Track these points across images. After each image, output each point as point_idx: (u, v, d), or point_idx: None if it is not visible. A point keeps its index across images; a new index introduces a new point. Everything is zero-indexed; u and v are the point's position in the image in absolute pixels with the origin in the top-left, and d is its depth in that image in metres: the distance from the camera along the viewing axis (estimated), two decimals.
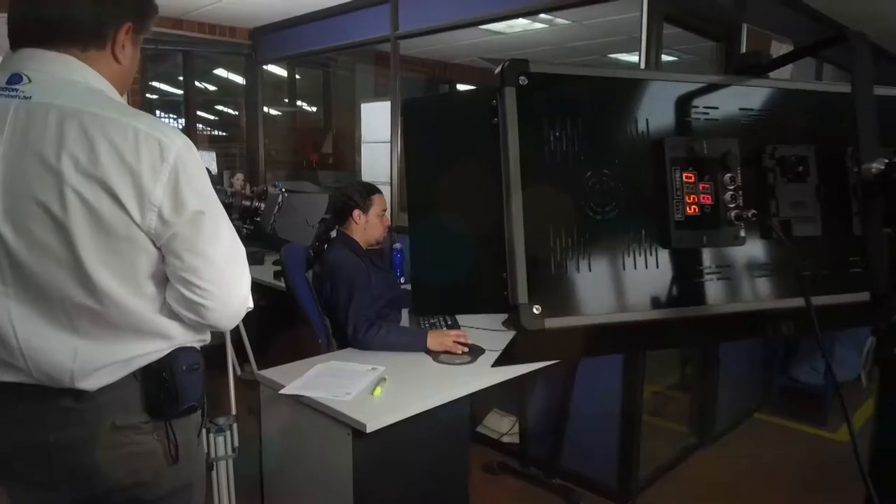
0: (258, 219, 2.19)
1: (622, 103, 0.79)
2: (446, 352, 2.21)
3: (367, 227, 2.51)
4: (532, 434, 2.91)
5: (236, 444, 2.07)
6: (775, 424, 3.60)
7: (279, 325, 3.52)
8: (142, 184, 1.02)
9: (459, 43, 5.10)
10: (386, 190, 3.25)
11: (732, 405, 3.44)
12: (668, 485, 2.90)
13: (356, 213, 2.49)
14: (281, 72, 5.58)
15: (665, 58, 5.49)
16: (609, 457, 2.71)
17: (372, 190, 2.54)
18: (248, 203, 2.20)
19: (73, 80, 1.07)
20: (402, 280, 3.30)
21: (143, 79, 4.30)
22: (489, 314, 0.97)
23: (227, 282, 1.15)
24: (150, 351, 1.15)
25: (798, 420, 3.60)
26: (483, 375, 2.06)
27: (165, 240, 1.06)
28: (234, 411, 2.10)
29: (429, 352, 2.23)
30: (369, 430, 1.68)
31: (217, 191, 2.17)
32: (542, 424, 2.85)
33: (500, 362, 0.84)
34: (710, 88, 0.84)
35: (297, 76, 5.74)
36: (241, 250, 1.19)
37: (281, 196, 2.16)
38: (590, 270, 0.74)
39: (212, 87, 5.49)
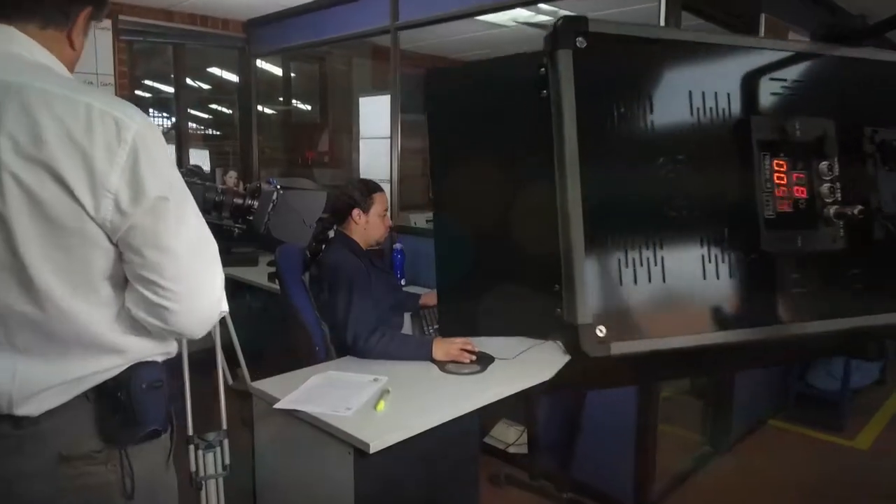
0: (251, 217, 2.03)
1: (700, 73, 0.64)
2: (453, 361, 2.06)
3: (368, 227, 2.36)
4: (541, 444, 2.77)
5: (227, 461, 1.92)
6: (791, 432, 3.47)
7: (273, 330, 3.37)
8: (94, 167, 0.87)
9: (459, 37, 4.95)
10: (386, 188, 3.10)
11: (747, 411, 3.31)
12: (684, 497, 2.76)
13: (356, 212, 2.33)
14: (275, 69, 5.41)
15: None
16: (623, 469, 2.56)
17: (373, 188, 2.39)
18: (240, 201, 2.05)
19: (15, 53, 0.93)
20: (403, 282, 3.16)
21: (131, 74, 4.12)
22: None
23: (195, 280, 1.00)
24: (105, 368, 0.99)
25: (814, 427, 3.46)
26: (493, 386, 1.91)
27: (123, 233, 0.92)
28: (224, 426, 1.95)
29: (434, 361, 2.08)
30: (373, 449, 1.53)
31: (207, 188, 2.02)
32: (553, 434, 2.71)
33: (548, 389, 0.69)
34: (800, 58, 0.69)
35: (293, 74, 5.57)
36: (210, 244, 1.04)
37: (275, 193, 2.01)
38: (664, 281, 0.59)
39: (205, 86, 5.32)
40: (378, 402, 1.72)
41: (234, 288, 3.50)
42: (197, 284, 1.00)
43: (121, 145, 0.89)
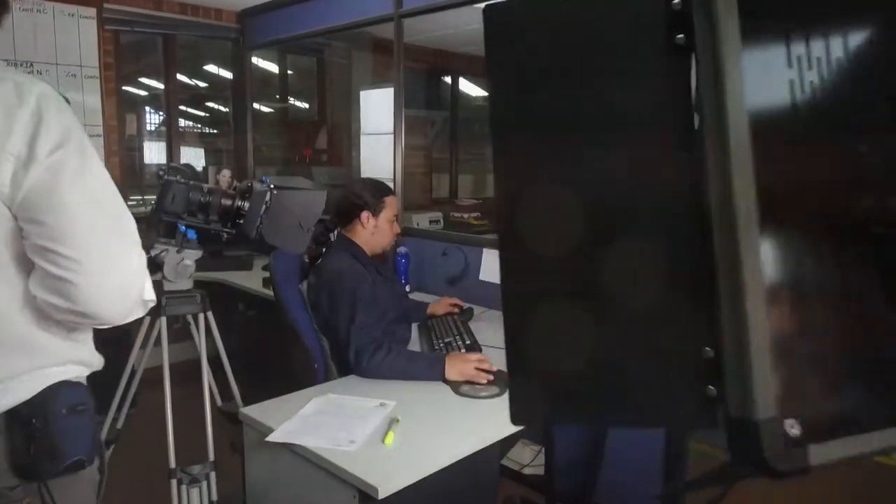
0: (241, 221, 1.81)
1: None
2: (468, 382, 1.84)
3: (376, 232, 2.14)
4: (560, 466, 2.54)
5: (214, 497, 1.71)
6: None
7: (268, 343, 3.15)
8: None
9: (466, 28, 4.72)
10: None
11: None
12: None
13: (365, 215, 2.11)
14: (271, 66, 5.18)
15: None
16: (650, 494, 2.34)
17: (385, 190, 2.17)
18: (228, 202, 1.82)
19: None
20: (408, 288, 2.94)
21: (118, 67, 3.89)
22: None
23: (101, 246, 0.88)
24: (11, 374, 0.86)
25: None
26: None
27: (21, 199, 0.84)
28: (211, 457, 1.73)
29: (446, 381, 1.85)
30: (382, 494, 1.31)
31: (192, 188, 1.78)
32: (573, 455, 2.49)
33: None
34: None
35: (289, 71, 5.33)
36: (123, 215, 0.94)
37: (268, 193, 1.78)
38: None
39: (200, 83, 5.07)
40: (386, 433, 1.50)
41: (226, 295, 3.27)
42: (103, 251, 0.88)
43: (22, 106, 0.84)
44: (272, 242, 1.80)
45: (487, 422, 1.63)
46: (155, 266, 1.80)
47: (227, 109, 4.98)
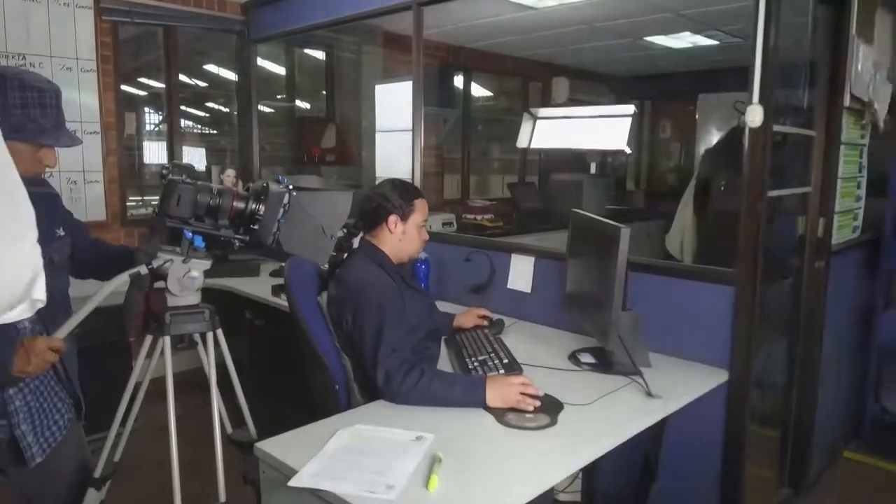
0: (256, 227, 1.60)
1: None
2: (512, 409, 1.62)
3: (404, 238, 1.92)
4: (601, 493, 2.32)
5: None
6: (869, 466, 3.03)
7: (278, 357, 2.93)
8: None
9: (480, 21, 4.50)
10: None
11: (824, 442, 2.87)
12: None
13: (393, 219, 1.90)
14: (277, 69, 4.96)
15: (703, 41, 4.93)
16: None
17: (415, 193, 1.96)
18: (241, 205, 1.60)
19: None
20: None
21: (118, 63, 3.66)
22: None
23: None
24: None
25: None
26: (572, 445, 1.47)
27: None
28: (222, 497, 1.52)
29: (487, 407, 1.63)
30: None
31: (200, 189, 1.56)
32: (618, 481, 2.26)
33: None
34: None
35: (296, 70, 5.10)
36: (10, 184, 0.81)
37: (287, 195, 1.56)
38: None
39: (201, 83, 4.85)
40: (429, 476, 1.28)
41: (231, 303, 3.05)
42: None
43: None
44: (291, 251, 1.58)
45: (542, 459, 1.41)
46: (158, 278, 1.59)
47: (228, 110, 4.77)
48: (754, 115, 1.84)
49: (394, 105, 3.21)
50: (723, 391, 2.02)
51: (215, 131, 4.91)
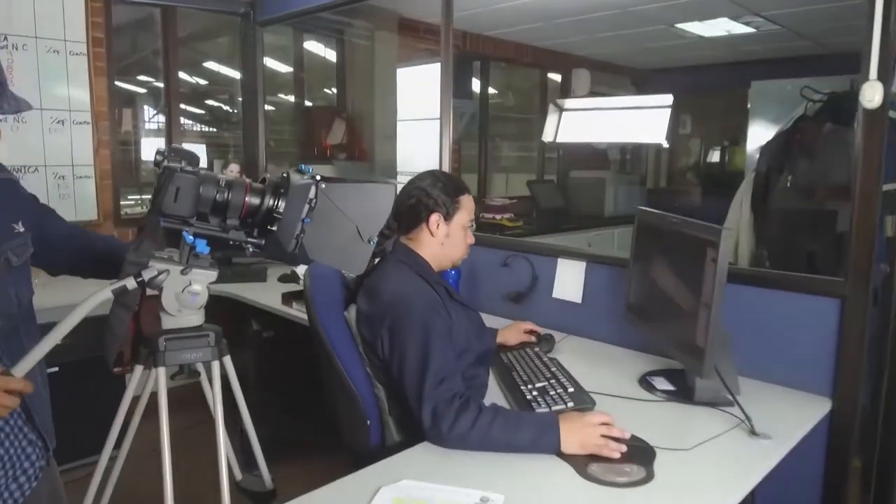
0: (274, 227, 1.27)
1: None
2: (593, 456, 1.29)
3: (447, 242, 1.60)
4: None
5: None
6: None
7: (293, 376, 2.60)
8: None
9: (499, 6, 4.18)
10: None
11: None
12: None
13: (435, 218, 1.58)
14: (283, 68, 4.64)
15: (739, 28, 4.61)
16: None
17: (460, 188, 1.64)
18: (255, 200, 1.27)
19: None
20: None
21: (110, 46, 3.32)
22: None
23: None
24: None
25: None
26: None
27: None
28: None
29: (560, 453, 1.31)
30: None
31: (204, 179, 1.20)
32: None
33: None
34: None
35: (304, 64, 4.77)
36: None
37: (313, 188, 1.23)
38: None
39: (202, 81, 4.52)
40: None
41: (235, 312, 2.73)
42: None
43: None
44: (319, 258, 1.25)
45: None
46: (149, 292, 1.26)
47: (230, 108, 4.45)
48: (874, 94, 1.52)
49: (416, 93, 2.88)
50: (824, 421, 1.70)
51: (215, 129, 4.58)
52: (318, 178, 1.24)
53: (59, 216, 1.45)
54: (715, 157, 6.65)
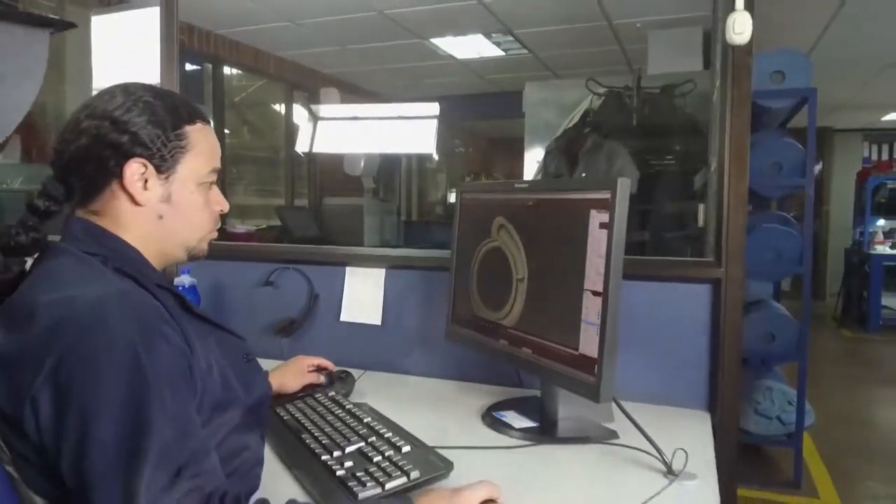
0: None
1: None
2: None
3: (170, 212, 0.87)
4: None
5: None
6: (742, 498, 2.68)
7: None
8: None
9: None
10: None
11: None
12: None
13: (136, 169, 0.83)
14: None
15: (492, 50, 4.55)
16: None
17: (185, 111, 0.89)
18: None
19: None
20: None
21: None
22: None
23: None
24: None
25: (767, 487, 2.73)
26: None
27: None
28: None
29: None
30: None
31: None
32: None
33: None
34: None
35: None
36: None
37: None
38: None
39: None
40: None
41: None
42: None
43: None
44: None
45: None
46: None
47: None
48: (743, 26, 1.24)
49: (123, 54, 2.06)
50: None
51: None
52: None
53: None
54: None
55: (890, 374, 4.96)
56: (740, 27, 1.25)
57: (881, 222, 6.77)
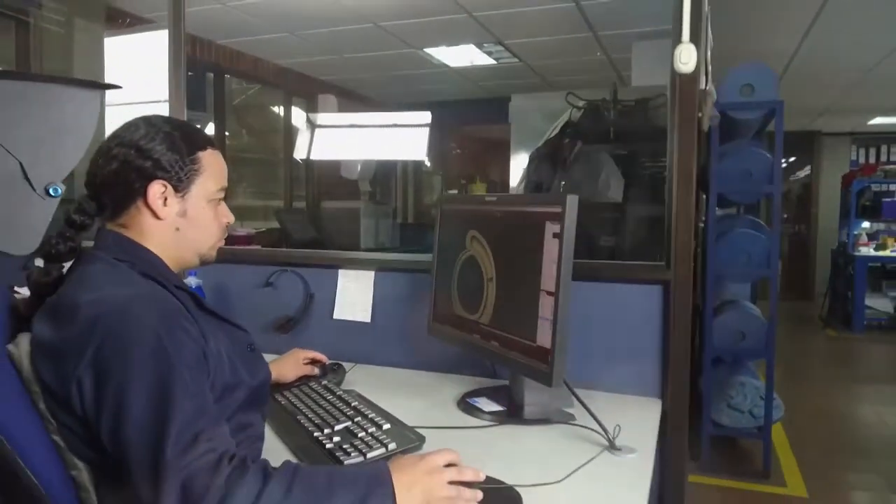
0: None
1: None
2: None
3: (185, 225, 1.04)
4: None
5: None
6: (714, 487, 2.84)
7: None
8: None
9: (232, 3, 3.66)
10: None
11: None
12: None
13: (157, 189, 1.00)
14: None
15: (483, 58, 4.73)
16: None
17: (198, 140, 1.05)
18: None
19: None
20: None
21: None
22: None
23: None
24: None
25: (738, 477, 2.89)
26: None
27: None
28: None
29: None
30: None
31: None
32: None
33: None
34: None
35: None
36: None
37: None
38: None
39: None
40: None
41: None
42: None
43: None
44: None
45: None
46: None
47: None
48: (689, 56, 1.40)
49: (134, 71, 2.22)
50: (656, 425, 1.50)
51: None
52: None
53: None
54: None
55: (867, 373, 5.13)
56: (686, 58, 1.41)
57: (865, 224, 6.94)
